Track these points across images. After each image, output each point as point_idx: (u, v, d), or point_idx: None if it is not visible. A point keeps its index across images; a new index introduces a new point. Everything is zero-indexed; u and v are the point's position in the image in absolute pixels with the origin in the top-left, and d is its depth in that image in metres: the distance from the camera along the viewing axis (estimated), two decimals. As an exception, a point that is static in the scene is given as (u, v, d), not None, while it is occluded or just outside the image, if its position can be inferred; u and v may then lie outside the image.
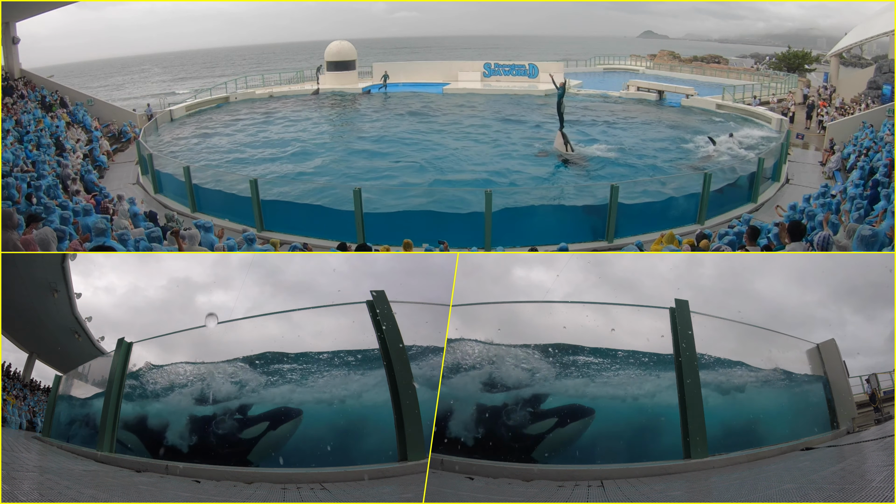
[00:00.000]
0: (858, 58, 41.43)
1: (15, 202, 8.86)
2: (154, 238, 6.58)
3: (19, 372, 9.22)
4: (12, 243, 5.03)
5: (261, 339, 5.28)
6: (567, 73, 32.73)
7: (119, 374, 5.87)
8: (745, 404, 5.20)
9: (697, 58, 48.77)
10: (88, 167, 15.70)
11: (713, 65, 42.85)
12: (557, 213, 11.93)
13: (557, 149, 17.30)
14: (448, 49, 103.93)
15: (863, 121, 17.44)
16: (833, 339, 5.87)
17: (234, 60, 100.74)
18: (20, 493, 3.84)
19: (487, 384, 4.82)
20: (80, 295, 7.64)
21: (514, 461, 4.55)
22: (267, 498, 4.23)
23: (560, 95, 17.23)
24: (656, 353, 4.97)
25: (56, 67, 52.12)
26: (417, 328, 4.83)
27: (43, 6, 22.76)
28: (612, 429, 4.84)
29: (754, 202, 13.43)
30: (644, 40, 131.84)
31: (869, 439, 4.93)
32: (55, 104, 20.21)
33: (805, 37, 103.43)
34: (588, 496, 3.95)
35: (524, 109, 24.95)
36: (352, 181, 14.72)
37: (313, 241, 11.27)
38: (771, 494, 3.68)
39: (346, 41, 32.01)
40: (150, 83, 63.84)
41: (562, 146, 17.14)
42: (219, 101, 27.24)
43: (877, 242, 4.78)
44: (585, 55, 44.67)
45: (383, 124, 22.60)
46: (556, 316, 5.03)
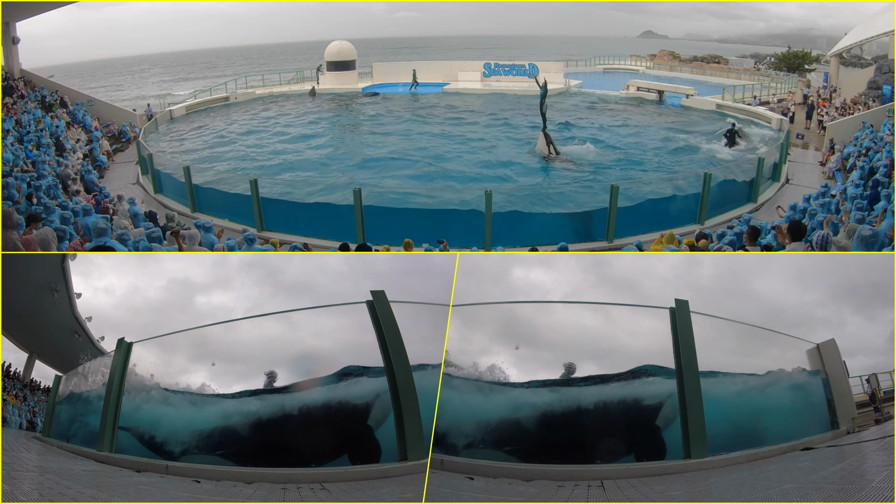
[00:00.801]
0: (858, 58, 41.41)
1: (15, 202, 8.86)
2: (154, 238, 6.57)
3: (19, 372, 9.22)
4: (12, 243, 5.03)
5: (260, 339, 5.27)
6: (567, 73, 32.77)
7: (119, 374, 5.87)
8: (744, 404, 5.20)
9: (697, 58, 48.76)
10: (88, 167, 15.71)
11: (713, 65, 42.83)
12: (557, 214, 11.94)
13: (540, 150, 17.01)
14: (448, 49, 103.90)
15: (863, 121, 17.44)
16: (833, 339, 5.87)
17: (234, 60, 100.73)
18: (20, 493, 3.84)
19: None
20: (80, 295, 7.65)
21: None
22: (267, 498, 4.22)
23: (542, 95, 16.98)
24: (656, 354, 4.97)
25: (56, 67, 52.09)
26: (417, 328, 4.83)
27: (43, 6, 22.78)
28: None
29: (754, 202, 13.43)
30: (644, 40, 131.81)
31: (869, 439, 4.93)
32: (55, 104, 20.21)
33: (805, 37, 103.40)
34: (588, 496, 3.95)
35: (524, 109, 24.94)
36: (352, 181, 14.73)
37: (314, 241, 11.27)
38: (771, 494, 3.68)
39: (346, 41, 32.02)
40: (150, 84, 63.78)
41: (544, 147, 16.85)
42: (219, 101, 27.25)
43: (877, 242, 4.78)
44: (585, 55, 44.66)
45: (382, 125, 22.61)
46: (555, 316, 5.03)
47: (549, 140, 16.89)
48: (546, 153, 16.73)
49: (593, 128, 21.32)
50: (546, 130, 17.10)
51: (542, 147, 17.00)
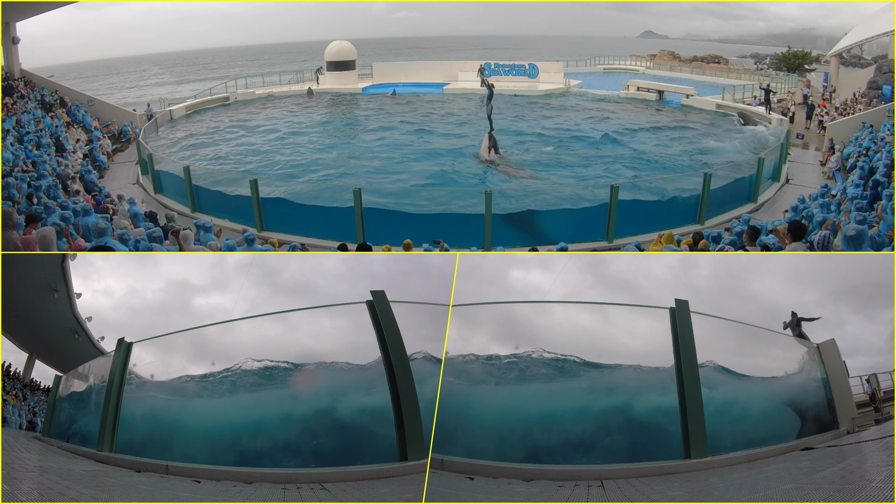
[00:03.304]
0: (858, 58, 41.39)
1: (15, 202, 8.87)
2: (154, 238, 6.58)
3: (19, 372, 9.22)
4: (12, 243, 5.03)
5: (259, 340, 5.27)
6: (567, 73, 32.75)
7: (119, 374, 5.87)
8: (744, 404, 5.20)
9: (697, 58, 48.77)
10: (88, 167, 15.71)
11: (713, 65, 42.84)
12: (557, 213, 11.95)
13: (482, 153, 16.79)
14: (448, 49, 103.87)
15: (863, 121, 17.44)
16: (833, 339, 5.88)
17: (234, 60, 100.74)
18: (20, 493, 3.84)
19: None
20: (80, 295, 7.65)
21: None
22: (267, 498, 4.22)
23: (488, 97, 16.82)
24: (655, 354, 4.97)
25: (56, 67, 52.09)
26: (417, 328, 4.82)
27: (43, 6, 22.79)
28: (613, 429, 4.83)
29: (754, 202, 13.43)
30: (644, 40, 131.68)
31: (869, 439, 4.93)
32: (55, 104, 20.21)
33: (805, 37, 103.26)
34: (588, 496, 3.95)
35: (521, 110, 24.95)
36: (352, 181, 14.73)
37: (314, 241, 11.28)
38: (771, 494, 3.68)
39: (346, 41, 32.03)
40: (149, 85, 63.74)
41: (485, 150, 16.60)
42: (219, 101, 27.25)
43: (863, 241, 4.77)
44: (585, 55, 44.66)
45: (382, 125, 22.62)
46: (554, 316, 5.03)
47: (493, 143, 16.62)
48: (486, 156, 16.51)
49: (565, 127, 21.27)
50: (492, 132, 16.83)
51: (483, 150, 16.77)
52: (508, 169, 15.96)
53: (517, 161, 16.69)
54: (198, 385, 5.51)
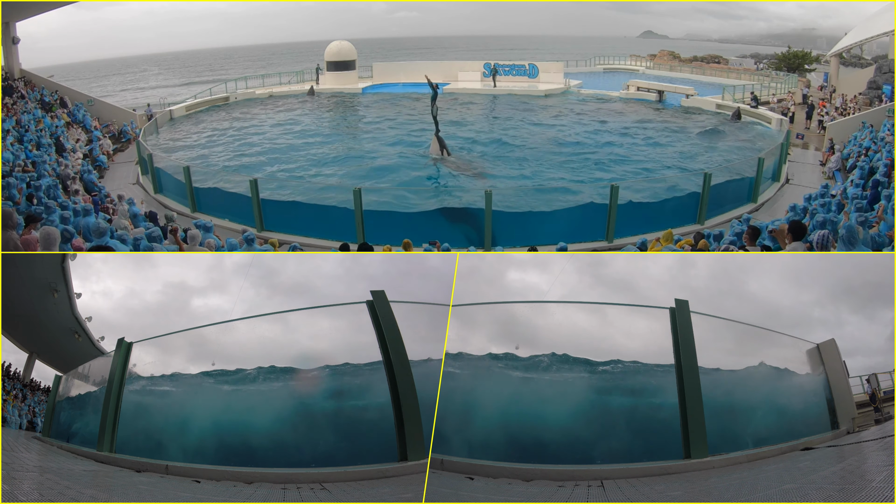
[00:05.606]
0: (858, 58, 41.42)
1: (15, 202, 8.87)
2: (154, 238, 6.58)
3: (19, 372, 9.22)
4: (13, 243, 5.03)
5: (258, 340, 5.27)
6: (567, 73, 32.75)
7: (119, 374, 5.87)
8: (745, 404, 5.20)
9: (697, 58, 48.77)
10: (88, 167, 15.71)
11: (713, 65, 42.83)
12: (556, 213, 11.94)
13: (433, 154, 17.01)
14: (448, 49, 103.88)
15: (863, 121, 17.44)
16: (833, 339, 5.87)
17: (234, 60, 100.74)
18: (20, 493, 3.84)
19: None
20: (80, 295, 7.65)
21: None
22: (267, 498, 4.22)
23: (433, 98, 16.93)
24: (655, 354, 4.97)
25: (56, 67, 52.14)
26: (417, 328, 4.82)
27: (43, 6, 22.80)
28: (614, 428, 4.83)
29: (754, 202, 13.43)
30: (644, 40, 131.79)
31: (869, 439, 4.93)
32: (55, 104, 20.21)
33: (805, 37, 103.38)
34: (588, 496, 3.95)
35: (521, 111, 24.95)
36: (352, 181, 14.73)
37: (313, 241, 11.28)
38: (771, 494, 3.68)
39: (345, 41, 32.03)
40: (150, 87, 63.74)
41: (437, 151, 16.88)
42: (219, 101, 27.25)
43: (855, 239, 4.77)
44: (585, 55, 44.64)
45: (382, 123, 22.62)
46: (553, 317, 5.02)
47: (442, 144, 16.88)
48: (439, 156, 16.79)
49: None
50: (439, 134, 16.99)
51: (434, 151, 17.02)
52: (460, 164, 16.28)
53: (467, 159, 16.97)
54: (198, 385, 5.52)
